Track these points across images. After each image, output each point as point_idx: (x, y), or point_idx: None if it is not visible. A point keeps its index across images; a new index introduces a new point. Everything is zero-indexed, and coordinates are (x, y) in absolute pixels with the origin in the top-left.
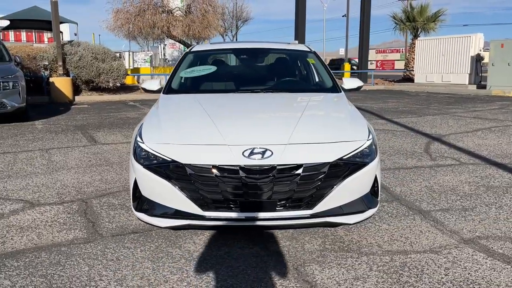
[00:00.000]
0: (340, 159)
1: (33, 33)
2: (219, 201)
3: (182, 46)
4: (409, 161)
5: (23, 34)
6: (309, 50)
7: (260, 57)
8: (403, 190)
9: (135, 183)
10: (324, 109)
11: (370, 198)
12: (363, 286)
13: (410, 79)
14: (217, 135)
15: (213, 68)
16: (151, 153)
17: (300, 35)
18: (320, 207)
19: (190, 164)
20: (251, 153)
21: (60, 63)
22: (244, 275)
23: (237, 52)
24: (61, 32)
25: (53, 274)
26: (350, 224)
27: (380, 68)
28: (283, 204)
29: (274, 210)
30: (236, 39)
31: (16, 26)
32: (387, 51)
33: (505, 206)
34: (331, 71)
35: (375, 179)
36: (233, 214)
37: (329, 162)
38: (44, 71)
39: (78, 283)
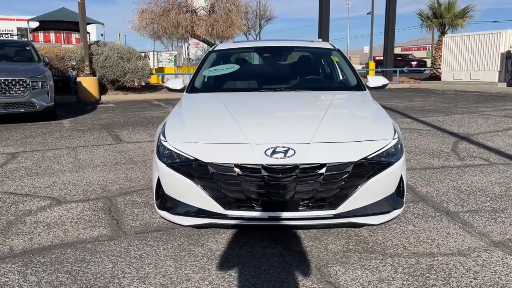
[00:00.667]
0: (365, 158)
1: (62, 34)
2: (241, 200)
3: (205, 45)
4: (435, 160)
5: (52, 35)
6: (333, 48)
7: (283, 55)
8: (430, 190)
9: (158, 181)
10: (348, 108)
11: (396, 199)
12: None
13: (436, 77)
14: (240, 134)
15: (236, 67)
16: (174, 151)
17: (324, 33)
18: (344, 207)
19: (212, 163)
20: (274, 152)
21: (87, 63)
22: (266, 275)
23: (260, 50)
24: (88, 33)
25: (78, 270)
26: (374, 225)
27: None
28: (306, 204)
29: (297, 210)
30: (260, 38)
31: (45, 28)
32: (413, 48)
33: None
34: (356, 69)
35: (401, 179)
36: (255, 214)
37: (353, 162)
38: (72, 71)
39: (102, 280)
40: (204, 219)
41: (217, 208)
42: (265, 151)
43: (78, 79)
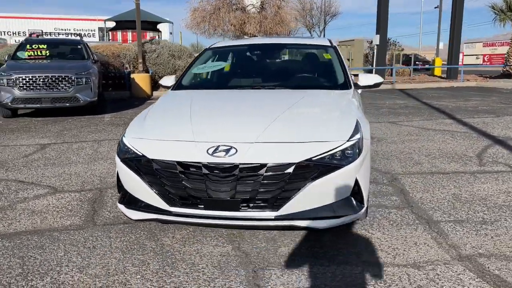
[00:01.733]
0: (309, 160)
1: (128, 33)
2: (184, 197)
3: None
4: (451, 165)
5: (129, 34)
6: (329, 45)
7: (275, 53)
8: (424, 197)
9: (118, 175)
10: (314, 107)
11: (351, 203)
12: None
13: (509, 75)
14: (188, 132)
15: (223, 64)
16: (127, 147)
17: (382, 28)
18: (286, 209)
19: (156, 159)
20: (215, 151)
21: (140, 60)
22: (198, 273)
23: (252, 48)
24: (160, 31)
25: (31, 256)
26: (318, 229)
27: (488, 63)
28: (247, 204)
29: (238, 210)
30: (324, 35)
31: (121, 27)
32: (497, 44)
33: None
34: (347, 67)
35: (356, 183)
36: (197, 212)
37: (294, 163)
38: (127, 68)
39: (45, 267)
40: (150, 214)
41: (162, 204)
42: (208, 150)
43: (132, 75)
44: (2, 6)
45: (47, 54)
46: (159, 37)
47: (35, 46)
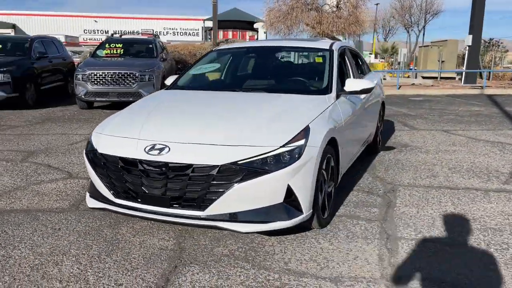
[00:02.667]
0: (234, 163)
1: (238, 32)
2: (125, 191)
3: None
4: (469, 181)
5: (230, 33)
6: (325, 48)
7: (270, 56)
8: (408, 211)
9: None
10: (273, 111)
11: (283, 210)
12: None
13: None
14: (137, 130)
15: (216, 66)
16: (90, 140)
17: (476, 29)
18: (212, 210)
19: (103, 154)
20: (151, 149)
21: None
22: (124, 262)
23: (250, 51)
24: (257, 31)
25: (3, 231)
26: (241, 233)
27: None
28: (177, 202)
29: (169, 206)
30: (424, 34)
31: (221, 27)
32: None
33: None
34: (337, 71)
35: (289, 190)
36: (136, 205)
37: (218, 165)
38: None
39: (8, 241)
40: (101, 203)
41: (109, 195)
42: (145, 147)
43: None
44: (118, 8)
45: (121, 53)
46: (257, 37)
47: (113, 45)
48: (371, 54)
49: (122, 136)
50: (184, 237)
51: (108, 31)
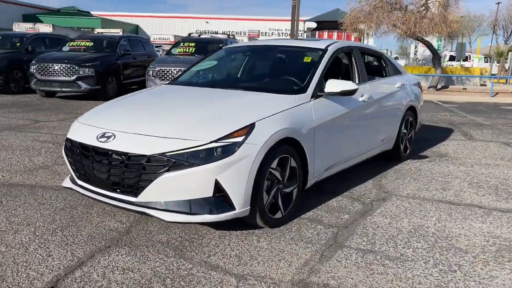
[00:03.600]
0: (163, 154)
1: (343, 34)
2: (83, 173)
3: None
4: (482, 198)
5: (335, 34)
6: (319, 47)
7: (266, 55)
8: (379, 221)
9: None
10: (228, 107)
11: (212, 203)
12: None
13: None
14: (104, 119)
15: (213, 63)
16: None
17: None
18: (144, 197)
19: (69, 138)
20: (102, 136)
21: None
22: (67, 237)
23: (248, 49)
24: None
25: None
26: (166, 221)
27: None
28: (118, 186)
29: (112, 191)
30: None
31: (324, 27)
32: None
33: (455, 272)
34: (320, 72)
35: (218, 185)
36: (89, 187)
37: (146, 155)
38: None
39: None
40: (70, 183)
41: (75, 177)
42: (98, 135)
43: None
44: (246, 9)
45: (193, 51)
46: (361, 39)
47: (186, 44)
48: (468, 56)
49: (88, 124)
50: (140, 222)
51: (217, 31)
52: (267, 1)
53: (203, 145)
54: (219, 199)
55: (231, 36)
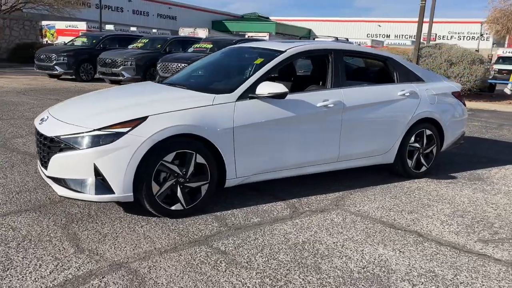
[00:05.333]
0: (57, 137)
1: None
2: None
3: None
4: (468, 235)
5: None
6: (279, 50)
7: (237, 56)
8: (278, 229)
9: None
10: (142, 101)
11: (95, 185)
12: None
13: None
14: (58, 106)
15: (201, 63)
16: None
17: None
18: (49, 172)
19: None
20: (41, 120)
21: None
22: (10, 205)
23: (228, 50)
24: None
25: None
26: (58, 195)
27: None
28: (41, 162)
29: (46, 167)
30: None
31: None
32: None
33: None
34: (261, 74)
35: (96, 168)
36: (39, 164)
37: (48, 137)
38: None
39: None
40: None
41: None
42: (41, 118)
43: None
44: (414, 12)
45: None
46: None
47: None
48: None
49: (48, 110)
50: (81, 203)
51: (389, 35)
52: (456, 2)
53: (86, 132)
54: (100, 182)
55: (344, 40)
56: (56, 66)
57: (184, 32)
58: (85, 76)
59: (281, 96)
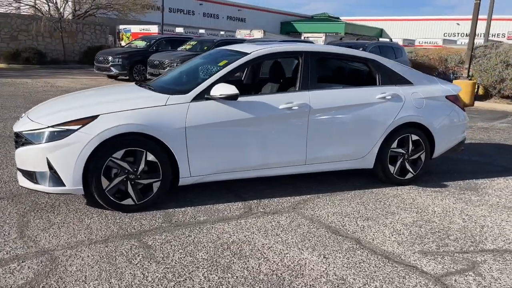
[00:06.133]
0: (20, 132)
1: None
2: None
3: None
4: (433, 260)
5: None
6: (247, 52)
7: (213, 58)
8: (200, 229)
9: None
10: (101, 100)
11: (49, 178)
12: None
13: None
14: (37, 107)
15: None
16: None
17: None
18: (17, 164)
19: None
20: (17, 118)
21: (466, 66)
22: None
23: (208, 53)
24: None
25: None
26: (20, 186)
27: None
28: None
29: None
30: None
31: None
32: None
33: None
34: (219, 76)
35: (48, 162)
36: None
37: (15, 132)
38: (453, 73)
39: None
40: None
41: None
42: (19, 117)
43: (454, 82)
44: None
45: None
46: None
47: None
48: None
49: (29, 110)
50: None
51: (466, 33)
52: None
53: (42, 128)
54: (53, 174)
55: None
56: (111, 67)
57: (240, 34)
58: (138, 77)
59: (232, 97)
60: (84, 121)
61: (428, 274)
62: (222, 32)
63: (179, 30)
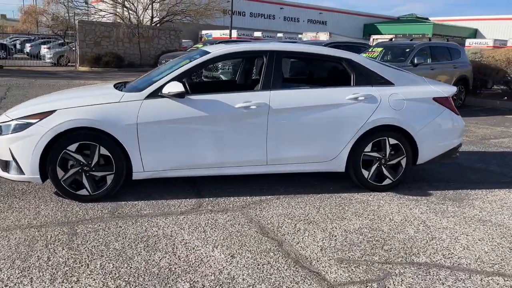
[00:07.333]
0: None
1: None
2: None
3: None
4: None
5: None
6: (208, 51)
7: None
8: (137, 223)
9: None
10: (70, 97)
11: (13, 166)
12: None
13: None
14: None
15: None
16: None
17: None
18: None
19: None
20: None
21: None
22: None
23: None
24: None
25: None
26: None
27: None
28: None
29: None
30: None
31: None
32: None
33: None
34: (175, 75)
35: (11, 152)
36: None
37: None
38: None
39: None
40: None
41: None
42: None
43: None
44: None
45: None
46: None
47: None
48: None
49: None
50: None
51: None
52: None
53: (8, 121)
54: (16, 163)
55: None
56: None
57: (307, 36)
58: (197, 79)
59: (179, 95)
60: (43, 115)
61: (326, 281)
62: (279, 35)
63: (257, 34)
